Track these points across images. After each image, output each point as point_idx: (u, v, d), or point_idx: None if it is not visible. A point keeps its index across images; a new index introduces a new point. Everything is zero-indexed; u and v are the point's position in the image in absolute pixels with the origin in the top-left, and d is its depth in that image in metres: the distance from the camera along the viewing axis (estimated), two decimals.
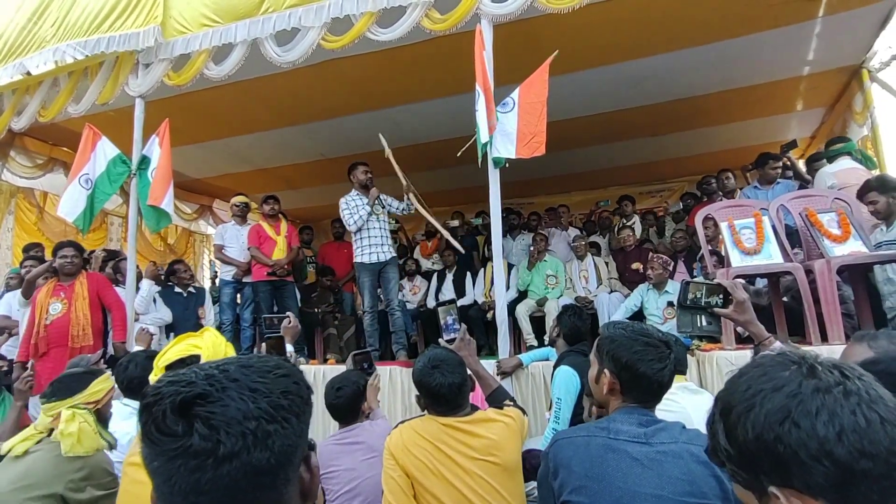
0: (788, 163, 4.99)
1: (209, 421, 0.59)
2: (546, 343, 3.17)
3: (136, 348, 3.47)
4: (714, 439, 0.75)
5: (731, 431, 0.71)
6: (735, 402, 0.72)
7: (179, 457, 0.58)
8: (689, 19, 4.03)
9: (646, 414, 1.40)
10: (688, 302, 1.61)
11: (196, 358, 1.64)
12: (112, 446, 2.01)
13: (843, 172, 4.08)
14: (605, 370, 1.43)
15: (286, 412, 0.65)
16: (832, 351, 2.59)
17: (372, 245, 4.44)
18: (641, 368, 1.37)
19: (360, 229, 4.46)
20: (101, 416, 2.07)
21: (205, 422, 0.59)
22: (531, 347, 4.72)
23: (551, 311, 4.62)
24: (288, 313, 2.60)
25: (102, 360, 3.73)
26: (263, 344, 2.28)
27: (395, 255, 4.58)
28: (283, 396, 0.65)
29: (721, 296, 1.59)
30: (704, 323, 1.62)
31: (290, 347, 2.45)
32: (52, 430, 1.89)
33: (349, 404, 2.40)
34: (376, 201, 4.49)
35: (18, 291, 4.39)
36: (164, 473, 0.59)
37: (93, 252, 5.02)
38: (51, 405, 1.93)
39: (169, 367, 1.67)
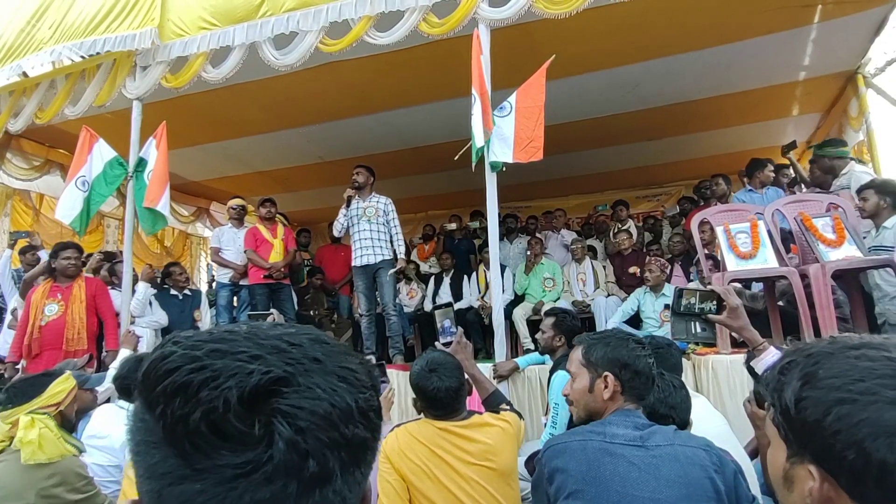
0: (790, 163, 5.05)
1: (296, 420, 0.38)
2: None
3: (123, 351, 3.46)
4: (777, 384, 0.68)
5: (804, 400, 0.63)
6: (831, 379, 0.62)
7: (246, 478, 0.36)
8: (686, 24, 4.06)
9: (640, 416, 1.42)
10: (681, 309, 1.62)
11: None
12: (80, 451, 1.91)
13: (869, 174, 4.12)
14: (607, 374, 1.45)
15: (378, 417, 0.46)
16: None
17: (362, 248, 4.42)
18: (640, 365, 1.44)
19: (351, 233, 4.46)
20: (66, 419, 2.00)
21: (291, 421, 0.38)
22: (528, 351, 4.72)
23: None
24: (272, 310, 2.54)
25: (95, 365, 3.72)
26: None
27: (388, 257, 4.49)
28: (373, 394, 0.46)
29: (715, 302, 1.60)
30: (699, 329, 1.63)
31: None
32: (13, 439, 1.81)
33: None
34: (355, 202, 4.47)
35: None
36: None
37: (90, 255, 5.01)
38: (8, 412, 1.85)
39: None
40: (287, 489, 0.37)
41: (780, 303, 3.59)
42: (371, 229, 4.44)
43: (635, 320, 4.58)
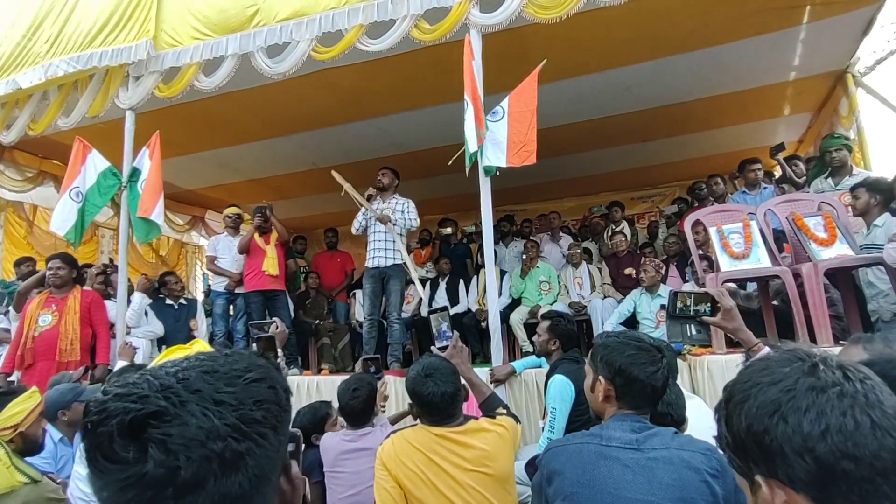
0: (778, 165, 5.10)
1: (165, 444, 0.50)
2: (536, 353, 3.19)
3: (120, 363, 3.44)
4: (718, 425, 0.77)
5: (728, 419, 0.74)
6: (735, 392, 0.74)
7: (132, 487, 0.50)
8: (676, 27, 4.09)
9: (639, 420, 1.40)
10: (676, 311, 1.62)
11: None
12: (34, 480, 1.74)
13: None
14: (600, 377, 1.44)
15: (260, 426, 0.55)
16: None
17: (375, 249, 4.43)
18: (635, 372, 1.39)
19: (367, 234, 4.47)
20: (29, 440, 1.87)
21: (160, 446, 0.50)
22: (527, 353, 4.71)
23: None
24: (274, 319, 2.56)
25: (89, 377, 3.70)
26: (255, 346, 2.23)
27: (397, 262, 4.45)
28: (256, 407, 0.56)
29: (709, 304, 1.60)
30: (694, 332, 1.63)
31: (280, 353, 2.42)
32: None
33: (364, 405, 2.42)
34: (376, 202, 4.45)
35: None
36: None
37: (86, 266, 4.99)
38: None
39: None
40: (164, 491, 0.50)
41: (775, 302, 3.61)
42: (385, 231, 4.42)
43: (632, 322, 4.59)
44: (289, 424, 0.62)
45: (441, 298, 5.71)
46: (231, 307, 5.19)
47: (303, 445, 0.69)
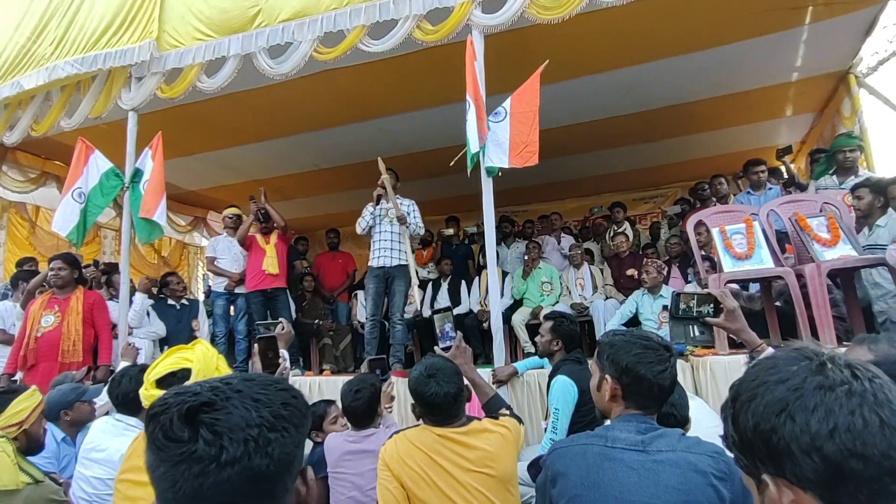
0: (784, 167, 5.11)
1: (213, 427, 0.63)
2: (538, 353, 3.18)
3: (123, 363, 3.44)
4: (725, 424, 0.77)
5: (735, 418, 0.73)
6: (742, 391, 0.74)
7: (184, 462, 0.61)
8: (679, 27, 4.09)
9: (645, 421, 1.38)
10: (679, 312, 1.62)
11: (186, 371, 1.58)
12: (36, 481, 1.73)
13: None
14: (607, 376, 1.42)
15: (286, 422, 0.69)
16: None
17: (381, 249, 4.40)
18: (642, 371, 1.37)
19: (372, 233, 4.45)
20: (32, 438, 1.89)
21: (209, 428, 0.63)
22: (529, 354, 4.70)
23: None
24: (280, 319, 2.54)
25: (92, 377, 3.70)
26: (256, 345, 2.21)
27: (403, 263, 4.43)
28: (283, 407, 0.69)
29: (712, 305, 1.59)
30: (697, 333, 1.62)
31: (284, 352, 2.41)
32: None
33: (367, 406, 2.41)
34: (381, 203, 4.45)
35: (9, 302, 4.38)
36: (169, 479, 0.62)
37: (89, 266, 5.00)
38: None
39: (159, 381, 1.62)
40: (209, 466, 0.61)
41: (778, 303, 3.59)
42: (392, 231, 4.42)
43: (634, 323, 4.58)
44: (307, 427, 0.75)
45: (443, 299, 5.71)
46: (231, 308, 5.19)
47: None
